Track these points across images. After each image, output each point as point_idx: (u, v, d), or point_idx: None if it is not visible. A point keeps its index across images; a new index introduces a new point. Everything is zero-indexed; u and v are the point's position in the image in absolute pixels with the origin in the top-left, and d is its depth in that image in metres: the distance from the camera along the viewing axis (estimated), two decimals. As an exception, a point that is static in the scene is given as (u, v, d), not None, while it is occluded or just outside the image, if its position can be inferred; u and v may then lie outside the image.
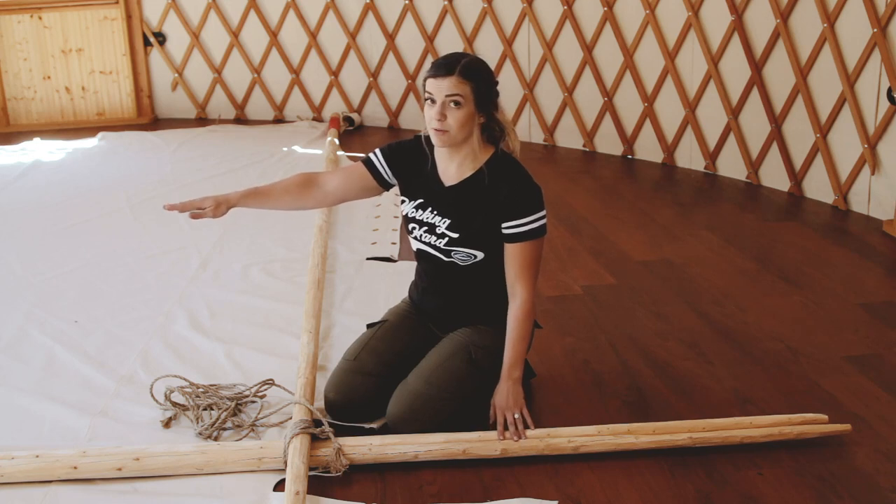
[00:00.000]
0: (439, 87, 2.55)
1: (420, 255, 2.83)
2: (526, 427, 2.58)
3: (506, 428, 2.58)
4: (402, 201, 2.81)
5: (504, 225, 2.64)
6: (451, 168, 2.71)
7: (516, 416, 2.59)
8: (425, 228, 2.74)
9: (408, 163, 2.77)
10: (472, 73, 2.56)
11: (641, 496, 2.40)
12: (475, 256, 2.69)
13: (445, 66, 2.56)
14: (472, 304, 2.80)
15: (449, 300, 2.81)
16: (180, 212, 2.72)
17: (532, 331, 2.78)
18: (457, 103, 2.54)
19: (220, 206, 2.76)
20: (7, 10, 7.10)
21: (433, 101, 2.56)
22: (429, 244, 2.75)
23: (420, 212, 2.74)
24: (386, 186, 2.83)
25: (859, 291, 3.79)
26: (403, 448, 2.52)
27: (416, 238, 2.78)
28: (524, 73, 6.46)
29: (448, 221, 2.69)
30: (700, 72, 5.58)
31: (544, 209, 2.69)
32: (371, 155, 2.81)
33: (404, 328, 2.87)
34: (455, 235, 2.69)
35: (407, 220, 2.79)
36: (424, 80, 2.61)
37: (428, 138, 2.71)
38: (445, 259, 2.74)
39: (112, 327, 3.46)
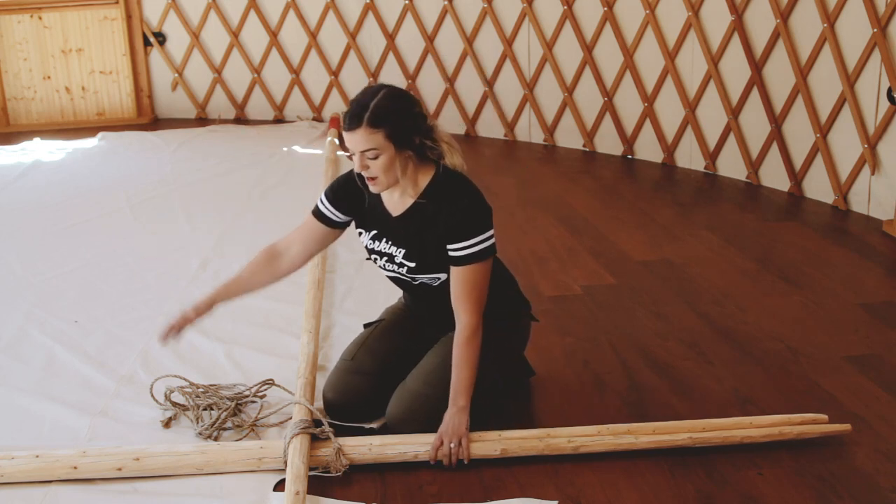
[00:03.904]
0: (352, 142, 2.47)
1: (392, 280, 2.79)
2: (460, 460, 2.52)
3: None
4: (360, 233, 2.75)
5: (448, 247, 2.57)
6: (395, 197, 2.64)
7: (452, 445, 2.50)
8: (385, 259, 2.69)
9: (353, 197, 2.70)
10: (380, 119, 2.44)
11: (641, 496, 2.40)
12: (440, 278, 2.65)
13: (353, 118, 2.45)
14: None
15: (436, 311, 2.76)
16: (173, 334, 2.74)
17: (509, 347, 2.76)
18: (373, 155, 2.47)
19: (195, 312, 2.75)
20: (7, 10, 7.10)
21: (352, 154, 2.50)
22: (393, 272, 2.71)
23: (376, 243, 2.69)
24: (342, 227, 2.76)
25: (859, 291, 3.79)
26: (403, 448, 2.52)
27: (380, 267, 2.74)
28: (524, 73, 6.46)
29: (403, 251, 2.64)
30: (700, 72, 5.58)
31: (491, 229, 2.58)
32: (318, 203, 2.74)
33: (401, 327, 2.87)
34: (412, 264, 2.64)
35: (367, 250, 2.74)
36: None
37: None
38: (415, 283, 2.71)
39: (112, 327, 3.47)
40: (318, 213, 2.74)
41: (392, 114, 2.47)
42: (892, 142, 4.55)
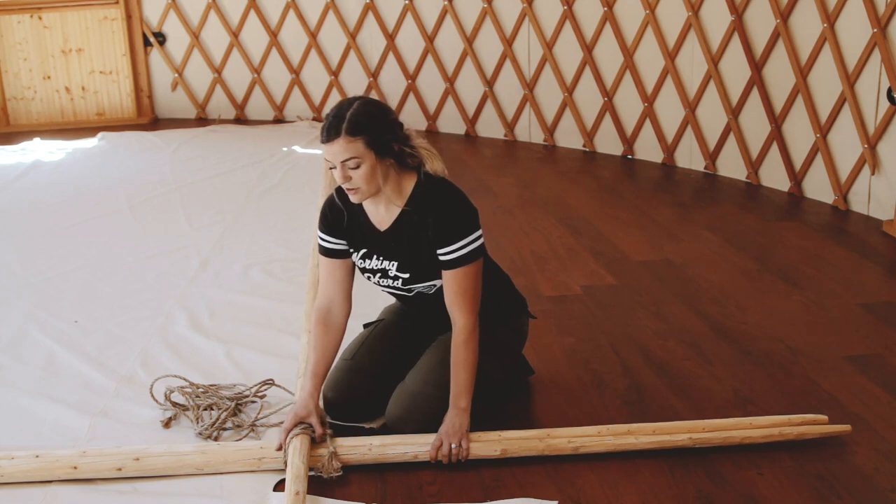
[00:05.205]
0: (332, 153, 2.46)
1: (388, 294, 2.80)
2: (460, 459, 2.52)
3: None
4: (351, 253, 2.73)
5: (438, 252, 2.57)
6: (380, 211, 2.63)
7: (453, 446, 2.51)
8: (379, 275, 2.68)
9: (340, 222, 2.69)
10: (359, 128, 2.44)
11: (641, 496, 2.40)
12: (435, 285, 2.65)
13: (332, 129, 2.44)
14: None
15: (433, 317, 2.76)
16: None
17: (521, 336, 2.75)
18: (355, 165, 2.46)
19: (312, 411, 2.57)
20: (7, 10, 7.10)
21: (333, 166, 2.49)
22: (388, 287, 2.72)
23: (368, 261, 2.68)
24: (349, 250, 2.72)
25: (859, 291, 3.79)
26: (403, 448, 2.52)
27: (375, 284, 2.74)
28: (524, 73, 6.46)
29: (396, 264, 2.64)
30: (700, 72, 5.58)
31: (478, 230, 2.59)
32: (318, 241, 2.73)
33: (401, 326, 2.87)
34: (406, 275, 2.64)
35: (360, 269, 2.73)
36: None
37: (339, 193, 2.64)
38: (411, 294, 2.71)
39: (112, 327, 3.46)
40: (324, 251, 2.72)
41: (369, 122, 2.47)
42: (892, 142, 4.55)
